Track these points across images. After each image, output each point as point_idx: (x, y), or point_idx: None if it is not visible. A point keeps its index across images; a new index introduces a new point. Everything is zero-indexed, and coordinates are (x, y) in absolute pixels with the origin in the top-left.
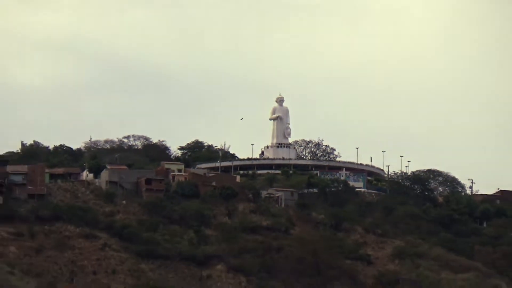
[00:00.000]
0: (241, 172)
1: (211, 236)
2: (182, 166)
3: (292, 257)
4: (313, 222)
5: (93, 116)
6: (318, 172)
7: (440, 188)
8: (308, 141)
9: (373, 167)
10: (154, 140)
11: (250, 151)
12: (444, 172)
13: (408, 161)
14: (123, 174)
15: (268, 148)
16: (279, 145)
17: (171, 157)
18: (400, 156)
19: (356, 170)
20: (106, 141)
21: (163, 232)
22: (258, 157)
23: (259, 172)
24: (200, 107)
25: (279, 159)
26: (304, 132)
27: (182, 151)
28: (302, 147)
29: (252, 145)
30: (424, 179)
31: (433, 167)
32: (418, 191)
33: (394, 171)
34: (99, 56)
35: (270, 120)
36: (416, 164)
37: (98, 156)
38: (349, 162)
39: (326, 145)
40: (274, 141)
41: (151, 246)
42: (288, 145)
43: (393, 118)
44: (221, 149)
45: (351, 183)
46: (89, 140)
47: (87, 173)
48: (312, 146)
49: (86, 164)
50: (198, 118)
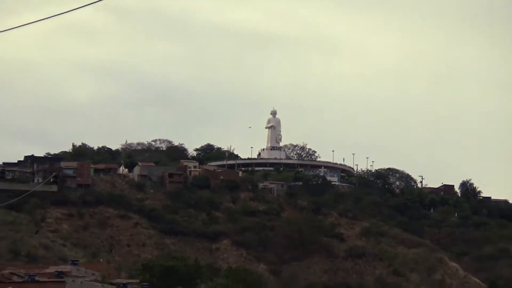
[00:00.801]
0: (243, 169)
1: (219, 218)
2: (197, 164)
3: (282, 234)
4: (298, 207)
5: (128, 124)
6: (302, 169)
7: (397, 182)
8: (295, 145)
9: (345, 165)
10: (175, 143)
11: (250, 152)
12: (400, 170)
13: (372, 161)
14: (151, 169)
15: (264, 150)
16: (273, 148)
17: (189, 156)
18: (366, 158)
19: (332, 168)
20: (138, 144)
21: (182, 214)
22: (256, 157)
23: (257, 168)
24: (211, 117)
25: (273, 159)
26: (292, 138)
27: (197, 152)
28: (290, 150)
29: (251, 147)
30: (384, 175)
31: (392, 166)
32: (380, 185)
33: (361, 169)
34: (133, 78)
35: (265, 128)
36: (378, 164)
37: (131, 155)
38: (326, 162)
39: (309, 148)
40: (269, 145)
41: (173, 225)
42: (280, 148)
43: (361, 128)
44: (227, 151)
45: (328, 178)
46: (125, 142)
47: (123, 168)
48: (298, 149)
49: (122, 161)
50: (210, 126)
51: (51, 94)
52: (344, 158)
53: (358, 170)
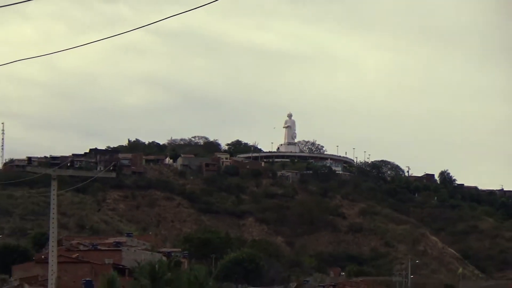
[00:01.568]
0: (265, 160)
1: (245, 199)
2: (228, 156)
3: (295, 213)
4: (309, 191)
5: (173, 124)
6: (312, 161)
7: (388, 172)
8: (307, 141)
9: (347, 158)
10: (211, 139)
11: (270, 147)
12: (391, 161)
13: (369, 155)
14: (191, 160)
15: (282, 145)
16: (289, 144)
17: (221, 150)
18: (364, 152)
19: (336, 160)
20: (181, 139)
21: (215, 196)
22: (275, 150)
23: (276, 160)
24: (240, 119)
25: (289, 152)
26: (304, 136)
27: (228, 146)
28: (303, 145)
29: (272, 143)
30: (378, 166)
31: (384, 158)
32: (375, 174)
33: (360, 161)
34: (176, 87)
35: (283, 127)
36: (374, 157)
37: (175, 148)
38: (332, 155)
39: (318, 144)
40: (286, 141)
41: (208, 205)
42: (294, 144)
43: (360, 128)
44: (252, 145)
45: (333, 168)
46: (170, 138)
47: (169, 159)
48: (309, 144)
49: (168, 153)
50: (239, 126)
51: (111, 99)
52: (346, 152)
53: (357, 162)
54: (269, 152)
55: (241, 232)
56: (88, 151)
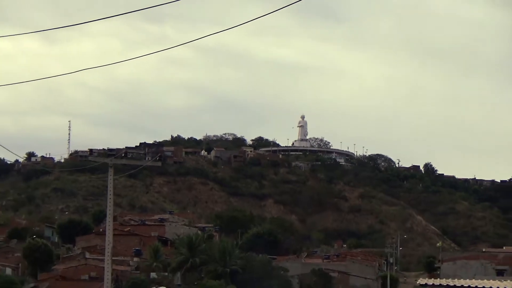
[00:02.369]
0: (282, 153)
1: (266, 185)
2: (252, 149)
3: (307, 196)
4: (318, 179)
5: (207, 123)
6: (321, 154)
7: (382, 163)
8: (316, 138)
9: (348, 152)
10: (238, 135)
11: (287, 142)
12: (385, 155)
13: (366, 149)
14: (222, 152)
15: (296, 141)
16: (302, 140)
17: (247, 144)
18: (363, 147)
19: (340, 153)
20: (214, 135)
21: (242, 182)
22: (291, 145)
23: (291, 153)
24: (262, 119)
25: (301, 147)
26: (314, 133)
27: (253, 141)
28: (313, 141)
29: (288, 139)
30: (374, 159)
31: (379, 152)
32: (371, 165)
33: (359, 154)
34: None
35: (297, 127)
36: (370, 151)
37: (209, 143)
38: (336, 149)
39: (326, 140)
40: (299, 138)
41: (235, 189)
42: (306, 140)
43: (360, 127)
44: (272, 141)
45: (338, 160)
46: (205, 135)
47: (204, 151)
48: (318, 140)
49: (204, 147)
50: (261, 125)
51: (157, 102)
52: (348, 147)
53: (357, 155)
54: (286, 146)
55: (262, 211)
56: (138, 145)
